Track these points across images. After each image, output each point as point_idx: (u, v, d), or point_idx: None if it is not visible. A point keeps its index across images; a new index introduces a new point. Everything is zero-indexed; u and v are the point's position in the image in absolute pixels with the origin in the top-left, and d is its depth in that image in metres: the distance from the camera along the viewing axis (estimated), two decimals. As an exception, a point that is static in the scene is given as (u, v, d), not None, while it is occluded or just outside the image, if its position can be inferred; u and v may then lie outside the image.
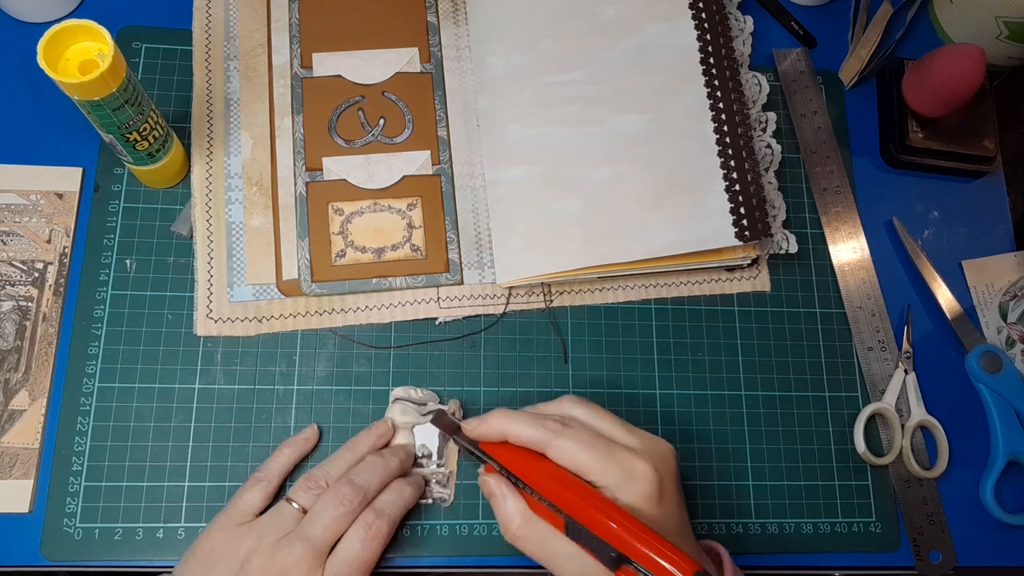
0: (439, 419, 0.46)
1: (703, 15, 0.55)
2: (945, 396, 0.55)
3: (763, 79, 0.56)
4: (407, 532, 0.48)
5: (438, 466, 0.48)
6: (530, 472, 0.40)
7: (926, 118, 0.58)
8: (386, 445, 0.47)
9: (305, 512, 0.43)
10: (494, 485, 0.42)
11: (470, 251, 0.52)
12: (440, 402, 0.50)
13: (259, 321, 0.50)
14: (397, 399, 0.49)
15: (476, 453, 0.43)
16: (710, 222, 0.51)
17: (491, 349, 0.52)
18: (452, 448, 0.49)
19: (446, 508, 0.48)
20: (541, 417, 0.41)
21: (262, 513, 0.44)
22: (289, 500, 0.43)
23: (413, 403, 0.49)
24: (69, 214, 0.51)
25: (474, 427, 0.43)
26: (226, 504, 0.44)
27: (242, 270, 0.50)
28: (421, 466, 0.48)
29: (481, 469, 0.44)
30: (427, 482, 0.48)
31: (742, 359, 0.54)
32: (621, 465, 0.39)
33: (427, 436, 0.48)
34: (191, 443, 0.48)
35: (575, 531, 0.38)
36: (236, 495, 0.45)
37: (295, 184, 0.52)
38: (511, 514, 0.41)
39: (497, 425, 0.42)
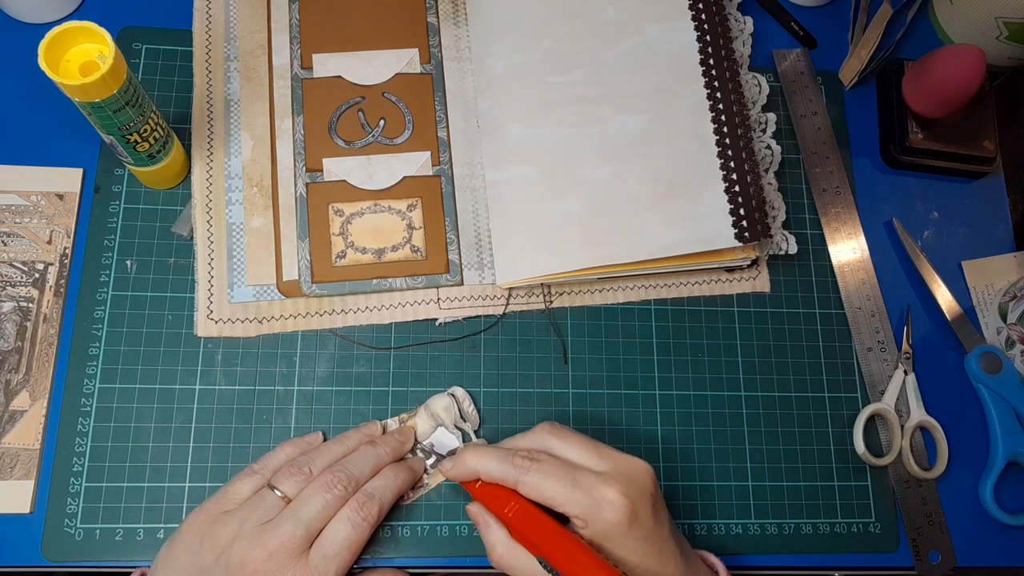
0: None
1: (703, 15, 0.55)
2: (945, 397, 0.55)
3: (763, 80, 0.56)
4: (407, 532, 0.48)
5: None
6: (502, 510, 0.42)
7: (926, 118, 0.58)
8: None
9: (288, 501, 0.43)
10: (477, 514, 0.43)
11: (470, 252, 0.52)
12: (477, 434, 0.50)
13: (259, 322, 0.50)
14: (439, 426, 0.49)
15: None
16: (710, 222, 0.51)
17: (491, 350, 0.52)
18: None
19: (447, 506, 0.49)
20: (510, 453, 0.42)
21: None
22: (272, 487, 0.43)
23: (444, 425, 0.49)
24: (70, 215, 0.51)
25: (448, 469, 0.44)
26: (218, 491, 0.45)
27: (242, 271, 0.50)
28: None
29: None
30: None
31: (742, 359, 0.54)
32: (588, 494, 0.40)
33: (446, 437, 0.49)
34: (192, 444, 0.48)
35: (548, 567, 0.40)
36: (228, 483, 0.45)
37: (295, 185, 0.52)
38: (493, 542, 0.42)
39: (469, 464, 0.43)
